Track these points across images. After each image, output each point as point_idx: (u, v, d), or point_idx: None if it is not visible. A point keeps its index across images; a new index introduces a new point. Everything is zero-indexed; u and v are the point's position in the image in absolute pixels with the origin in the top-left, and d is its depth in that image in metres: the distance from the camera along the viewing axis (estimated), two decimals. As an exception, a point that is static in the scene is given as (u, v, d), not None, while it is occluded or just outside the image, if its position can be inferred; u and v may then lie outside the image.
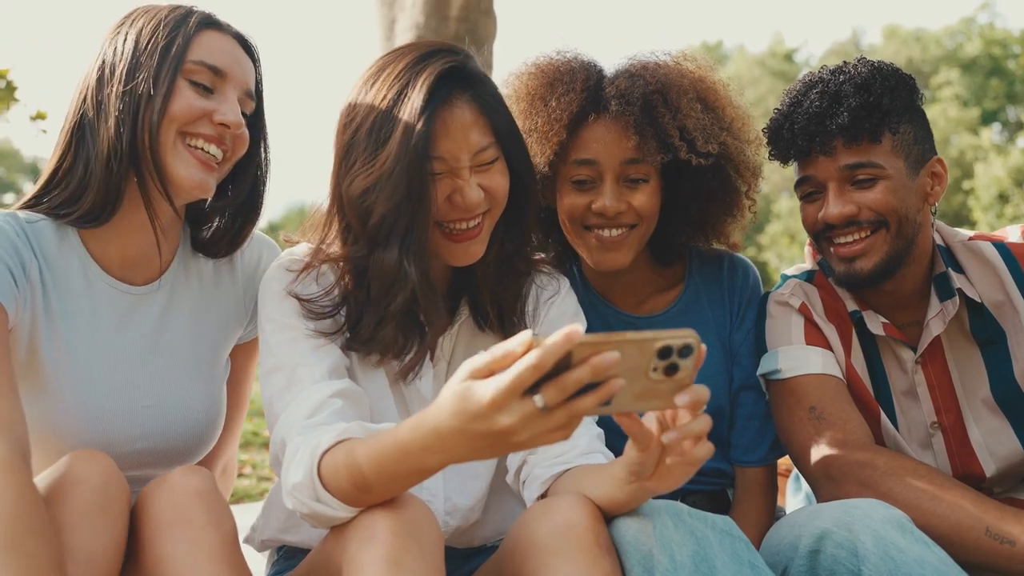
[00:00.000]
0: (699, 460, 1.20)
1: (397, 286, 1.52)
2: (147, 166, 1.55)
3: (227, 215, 1.78)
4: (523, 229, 1.71)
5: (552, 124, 1.83)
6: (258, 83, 1.74)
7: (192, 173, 1.58)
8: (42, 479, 1.41)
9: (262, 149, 1.78)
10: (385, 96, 1.54)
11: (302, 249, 1.68)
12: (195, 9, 1.66)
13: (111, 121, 1.54)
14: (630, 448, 1.26)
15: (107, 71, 1.58)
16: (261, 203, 1.80)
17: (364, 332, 1.59)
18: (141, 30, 1.59)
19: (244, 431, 6.25)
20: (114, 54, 1.58)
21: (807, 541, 1.47)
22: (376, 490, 1.30)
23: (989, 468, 1.88)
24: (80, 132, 1.60)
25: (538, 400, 1.04)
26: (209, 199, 1.70)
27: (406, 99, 1.51)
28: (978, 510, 1.56)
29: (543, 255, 2.01)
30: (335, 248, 1.62)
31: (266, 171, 1.80)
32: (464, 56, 1.60)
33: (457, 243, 1.59)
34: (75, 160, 1.60)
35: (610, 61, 1.96)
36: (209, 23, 1.64)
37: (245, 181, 1.76)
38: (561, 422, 1.07)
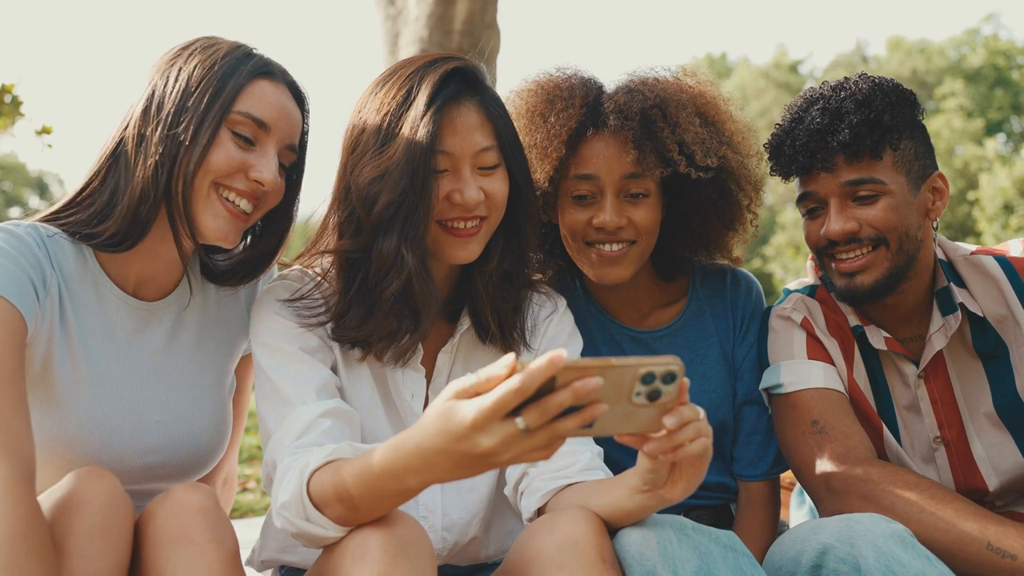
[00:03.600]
0: (701, 454, 1.22)
1: (394, 272, 1.56)
2: (178, 211, 1.56)
3: (247, 255, 1.78)
4: (522, 242, 1.74)
5: (551, 140, 1.85)
6: (303, 135, 1.73)
7: (220, 225, 1.59)
8: (45, 498, 1.41)
9: (294, 200, 1.76)
10: (396, 95, 1.59)
11: (294, 274, 1.71)
12: (254, 53, 1.64)
13: (150, 162, 1.54)
14: (641, 458, 1.29)
15: (154, 106, 1.57)
16: (279, 250, 1.79)
17: (350, 323, 1.62)
18: (195, 69, 1.57)
19: (249, 446, 6.25)
20: (164, 88, 1.57)
21: (809, 556, 1.48)
22: (363, 509, 1.31)
23: (992, 482, 1.88)
24: (115, 159, 1.60)
25: (520, 422, 1.06)
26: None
27: (417, 96, 1.57)
28: (979, 524, 1.57)
29: (542, 276, 2.04)
30: (329, 244, 1.66)
31: (292, 221, 1.78)
32: (473, 64, 1.65)
33: (456, 237, 1.62)
34: (103, 184, 1.61)
35: (610, 77, 1.98)
36: (263, 72, 1.62)
37: (272, 232, 1.76)
38: (543, 443, 1.08)
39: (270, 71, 1.64)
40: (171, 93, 1.56)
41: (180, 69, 1.58)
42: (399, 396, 1.72)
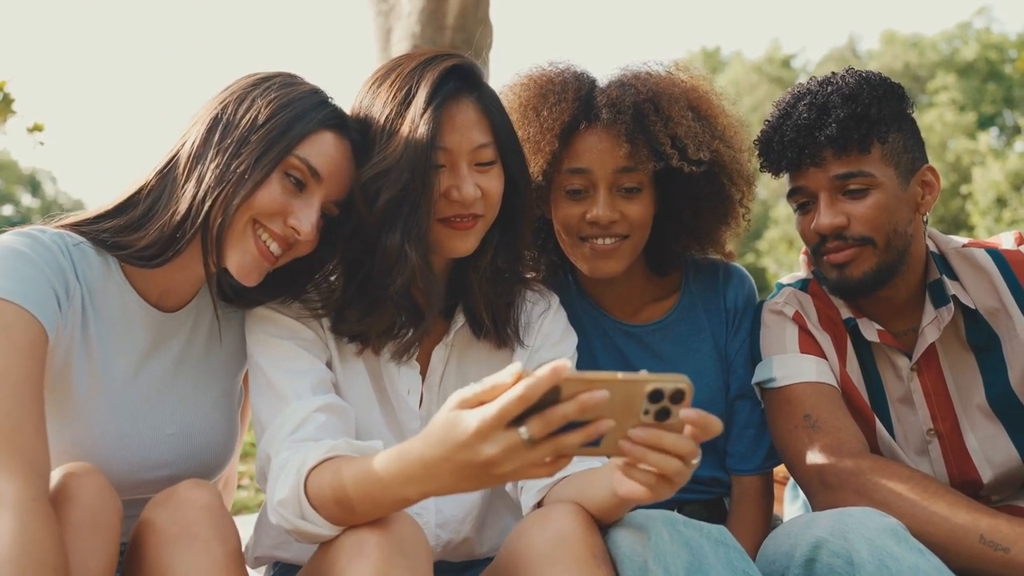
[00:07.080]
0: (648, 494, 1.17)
1: (397, 268, 1.56)
2: (211, 239, 1.53)
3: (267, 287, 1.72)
4: (517, 238, 1.74)
5: (544, 134, 1.84)
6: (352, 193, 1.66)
7: (246, 262, 1.55)
8: None
9: (323, 254, 1.70)
10: (395, 93, 1.59)
11: None
12: (329, 103, 1.62)
13: (200, 188, 1.52)
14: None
15: (219, 131, 1.55)
16: (301, 290, 1.71)
17: (351, 316, 1.62)
18: (267, 105, 1.55)
19: (243, 443, 6.26)
20: (235, 116, 1.55)
21: (803, 550, 1.48)
22: (359, 512, 1.31)
23: (986, 475, 1.89)
24: (164, 173, 1.58)
25: (523, 432, 1.05)
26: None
27: (416, 93, 1.57)
28: (972, 517, 1.57)
29: (535, 274, 2.05)
30: None
31: (316, 273, 1.73)
32: (470, 61, 1.66)
33: (455, 230, 1.62)
34: (146, 197, 1.59)
35: (604, 72, 1.98)
36: (333, 124, 1.60)
37: (295, 275, 1.70)
38: (546, 457, 1.07)
39: (340, 125, 1.61)
40: (239, 124, 1.54)
41: (255, 100, 1.56)
42: (395, 392, 1.72)
